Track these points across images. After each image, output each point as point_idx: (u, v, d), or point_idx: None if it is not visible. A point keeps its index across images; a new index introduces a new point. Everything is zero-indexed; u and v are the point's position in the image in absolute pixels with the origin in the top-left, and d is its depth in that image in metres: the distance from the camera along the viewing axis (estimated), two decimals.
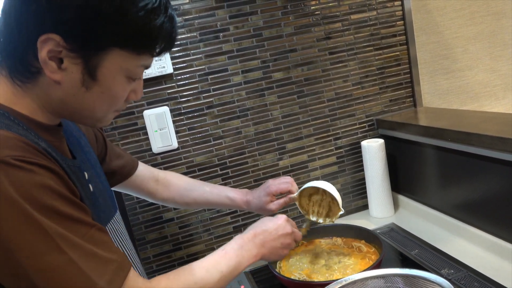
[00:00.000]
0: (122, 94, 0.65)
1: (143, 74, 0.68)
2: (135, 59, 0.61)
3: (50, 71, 0.57)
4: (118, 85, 0.63)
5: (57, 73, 0.58)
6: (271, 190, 1.04)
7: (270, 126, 1.35)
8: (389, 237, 1.24)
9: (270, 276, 1.13)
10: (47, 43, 0.55)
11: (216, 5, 1.25)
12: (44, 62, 0.56)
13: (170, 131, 1.25)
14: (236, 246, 0.80)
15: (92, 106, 0.62)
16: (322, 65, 1.37)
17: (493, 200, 1.05)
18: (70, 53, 0.57)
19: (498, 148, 0.96)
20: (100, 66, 0.59)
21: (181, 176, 1.11)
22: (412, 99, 1.49)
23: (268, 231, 0.86)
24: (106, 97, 0.62)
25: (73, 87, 0.59)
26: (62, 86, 0.59)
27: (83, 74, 0.59)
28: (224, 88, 1.29)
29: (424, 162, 1.29)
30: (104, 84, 0.61)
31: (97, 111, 0.64)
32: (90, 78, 0.59)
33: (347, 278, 0.79)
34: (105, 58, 0.59)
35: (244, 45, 1.29)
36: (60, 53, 0.56)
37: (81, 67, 0.58)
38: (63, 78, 0.58)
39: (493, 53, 1.61)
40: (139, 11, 0.57)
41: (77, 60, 0.57)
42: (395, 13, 1.42)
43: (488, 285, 0.93)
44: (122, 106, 0.68)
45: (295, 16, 1.33)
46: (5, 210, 0.49)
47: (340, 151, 1.44)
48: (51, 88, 0.59)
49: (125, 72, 0.62)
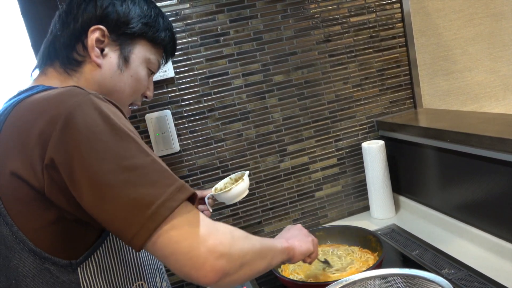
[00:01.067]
0: (144, 82, 0.83)
1: (155, 72, 0.88)
2: (154, 52, 0.83)
3: (95, 55, 0.74)
4: (142, 72, 0.82)
5: (99, 58, 0.75)
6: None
7: (271, 128, 1.37)
8: (390, 238, 1.24)
9: (272, 278, 1.13)
10: (95, 32, 0.74)
11: (216, 9, 1.26)
12: (92, 47, 0.74)
13: (172, 134, 1.26)
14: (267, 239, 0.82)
15: (123, 88, 0.79)
16: (322, 67, 1.38)
17: (493, 200, 1.05)
18: (111, 42, 0.76)
19: (498, 149, 0.97)
20: (131, 53, 0.79)
21: None
22: (412, 100, 1.50)
23: (289, 232, 0.95)
24: (134, 81, 0.80)
25: (111, 70, 0.76)
26: (102, 69, 0.75)
27: (119, 58, 0.77)
28: (225, 91, 1.31)
29: (424, 163, 1.29)
30: (133, 68, 0.79)
31: (126, 94, 0.80)
32: (124, 61, 0.78)
33: (348, 278, 0.79)
34: (136, 46, 0.79)
35: (244, 49, 1.30)
36: (103, 42, 0.75)
37: (118, 53, 0.77)
38: (104, 63, 0.75)
39: (493, 54, 1.61)
40: (164, 20, 0.84)
41: (115, 48, 0.76)
42: (394, 15, 1.43)
43: (489, 285, 0.93)
44: (138, 101, 0.86)
45: (295, 20, 1.34)
46: (106, 122, 0.59)
47: (340, 152, 1.45)
48: (93, 73, 0.75)
49: (147, 63, 0.82)
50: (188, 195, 0.60)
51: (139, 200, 0.56)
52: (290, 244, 0.85)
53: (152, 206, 0.56)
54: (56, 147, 0.56)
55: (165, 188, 0.58)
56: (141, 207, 0.56)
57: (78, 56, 0.74)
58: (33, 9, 1.17)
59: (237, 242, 0.63)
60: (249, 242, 0.67)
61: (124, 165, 0.57)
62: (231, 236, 0.63)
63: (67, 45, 0.74)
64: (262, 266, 0.70)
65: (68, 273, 0.63)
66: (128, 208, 0.56)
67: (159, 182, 0.58)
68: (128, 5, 0.77)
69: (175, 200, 0.58)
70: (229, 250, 0.60)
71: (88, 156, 0.56)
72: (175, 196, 0.58)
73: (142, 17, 0.79)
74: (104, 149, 0.57)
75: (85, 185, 0.56)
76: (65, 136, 0.56)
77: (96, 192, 0.56)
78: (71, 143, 0.56)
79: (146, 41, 0.80)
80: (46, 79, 0.74)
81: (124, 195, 0.56)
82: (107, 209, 0.56)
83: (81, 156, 0.56)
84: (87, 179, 0.56)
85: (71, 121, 0.57)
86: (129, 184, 0.56)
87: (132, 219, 0.56)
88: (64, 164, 0.56)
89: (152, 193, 0.57)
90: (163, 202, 0.57)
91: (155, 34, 0.81)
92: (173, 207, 0.57)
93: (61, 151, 0.56)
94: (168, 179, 0.59)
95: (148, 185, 0.57)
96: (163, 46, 0.85)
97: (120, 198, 0.56)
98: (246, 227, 1.38)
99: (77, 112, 0.58)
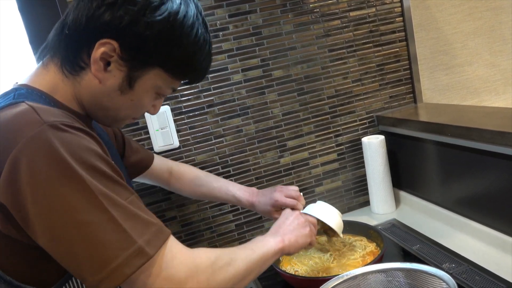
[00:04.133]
0: (147, 106, 0.73)
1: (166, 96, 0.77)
2: (170, 81, 0.70)
3: (96, 69, 0.64)
4: (147, 98, 0.71)
5: (101, 73, 0.64)
6: (277, 204, 1.04)
7: (271, 124, 1.36)
8: (391, 233, 1.24)
9: (273, 273, 1.13)
10: (105, 46, 0.62)
11: (215, 4, 1.26)
12: (95, 60, 0.63)
13: (171, 130, 1.26)
14: (260, 237, 0.82)
15: (119, 109, 0.70)
16: (322, 62, 1.38)
17: (494, 194, 1.05)
18: (119, 60, 0.64)
19: (498, 143, 0.97)
20: (140, 79, 0.66)
21: (193, 170, 1.17)
22: (412, 95, 1.49)
23: (286, 223, 0.90)
24: (133, 105, 0.70)
25: (110, 89, 0.66)
26: (101, 85, 0.66)
27: (123, 81, 0.66)
28: (224, 86, 1.30)
29: (424, 157, 1.29)
30: (137, 94, 0.68)
31: (121, 114, 0.71)
32: (128, 86, 0.66)
33: (348, 273, 0.79)
34: (147, 73, 0.66)
35: (243, 44, 1.30)
36: (111, 57, 0.63)
37: (124, 74, 0.65)
38: (105, 79, 0.65)
39: (493, 48, 1.61)
40: (191, 44, 0.66)
41: (123, 68, 0.65)
42: (394, 10, 1.42)
43: (489, 278, 0.93)
44: (140, 116, 0.78)
45: (294, 14, 1.33)
46: (53, 167, 0.52)
47: (340, 148, 1.45)
48: (91, 84, 0.66)
49: (157, 89, 0.70)
50: (147, 259, 0.55)
51: (90, 262, 0.53)
52: (285, 242, 0.83)
53: (104, 270, 0.53)
54: (5, 188, 0.52)
55: (120, 252, 0.53)
56: (93, 268, 0.53)
57: (82, 63, 0.65)
58: (30, 5, 1.17)
59: (217, 275, 0.63)
60: (232, 268, 0.66)
61: (75, 220, 0.52)
62: (211, 271, 0.62)
63: (72, 46, 0.65)
64: (246, 283, 0.70)
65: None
66: (80, 266, 0.54)
67: (113, 243, 0.53)
68: (162, 30, 0.62)
69: (130, 266, 0.54)
70: (208, 287, 0.60)
71: (37, 204, 0.52)
72: (130, 262, 0.54)
73: (173, 50, 0.65)
74: (54, 199, 0.52)
75: (38, 231, 0.53)
76: (13, 177, 0.52)
77: (48, 241, 0.53)
78: (20, 186, 0.52)
79: (163, 71, 0.67)
80: (43, 75, 0.68)
81: (75, 252, 0.53)
82: (61, 259, 0.55)
83: (30, 201, 0.52)
84: (38, 227, 0.53)
85: (19, 162, 0.52)
86: (81, 242, 0.53)
87: (85, 277, 0.54)
88: (14, 206, 0.53)
89: (104, 256, 0.53)
90: (116, 268, 0.53)
91: (180, 69, 0.69)
92: (127, 274, 0.53)
93: (10, 193, 0.52)
94: (125, 241, 0.54)
95: (100, 246, 0.53)
96: (187, 78, 0.73)
97: (71, 254, 0.53)
98: (246, 222, 1.38)
99: (25, 150, 0.52)
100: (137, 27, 0.61)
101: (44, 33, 0.73)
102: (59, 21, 0.68)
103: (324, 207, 1.02)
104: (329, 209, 1.02)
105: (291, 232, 0.87)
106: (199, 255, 0.63)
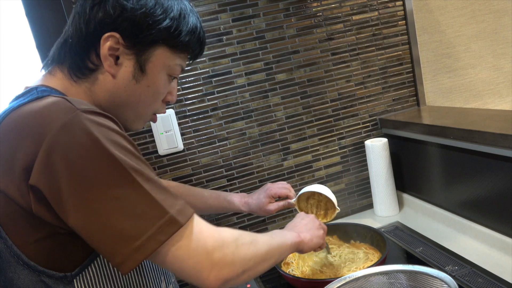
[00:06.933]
0: (163, 90, 0.75)
1: (178, 77, 0.81)
2: (175, 58, 0.74)
3: (108, 65, 0.68)
4: (161, 80, 0.74)
5: (113, 68, 0.68)
6: (271, 193, 1.09)
7: (274, 127, 1.37)
8: (394, 235, 1.25)
9: (276, 276, 1.14)
10: (109, 39, 0.66)
11: (219, 9, 1.27)
12: (105, 57, 0.67)
13: (175, 133, 1.27)
14: (277, 230, 0.85)
15: (138, 99, 0.72)
16: (325, 66, 1.39)
17: (497, 196, 1.05)
18: (126, 50, 0.68)
19: (501, 145, 0.97)
20: (148, 61, 0.70)
21: (180, 184, 1.16)
22: (415, 98, 1.50)
23: (302, 223, 0.94)
24: (150, 91, 0.73)
25: (125, 80, 0.70)
26: (116, 79, 0.69)
27: (134, 68, 0.70)
28: (228, 90, 1.31)
29: (428, 160, 1.29)
30: (151, 77, 0.72)
31: (141, 105, 0.74)
32: (140, 71, 0.70)
33: (351, 275, 0.80)
34: (153, 54, 0.70)
35: (247, 48, 1.31)
36: (118, 50, 0.67)
37: (134, 61, 0.69)
38: (118, 72, 0.69)
39: (496, 51, 1.61)
40: (177, 10, 0.71)
41: (130, 56, 0.69)
42: (396, 13, 1.43)
43: (492, 281, 0.93)
44: (161, 108, 0.78)
45: (297, 18, 1.34)
46: (89, 148, 0.56)
47: (344, 150, 1.45)
48: (105, 82, 0.69)
49: (167, 70, 0.73)
50: (179, 227, 0.59)
51: (125, 232, 0.56)
52: (302, 238, 0.87)
53: (139, 239, 0.56)
54: (40, 172, 0.55)
55: (154, 221, 0.57)
56: (128, 239, 0.56)
57: (91, 65, 0.68)
58: (37, 11, 1.18)
59: (241, 250, 0.65)
60: (254, 247, 0.69)
61: (111, 194, 0.56)
62: (235, 246, 0.65)
63: (79, 53, 0.68)
64: (265, 267, 0.72)
65: (64, 284, 0.62)
66: (113, 238, 0.56)
67: (147, 214, 0.57)
68: (146, 7, 0.68)
69: (164, 233, 0.57)
70: (232, 260, 0.63)
71: (73, 182, 0.55)
72: (164, 230, 0.57)
73: (162, 21, 0.69)
74: (90, 176, 0.55)
75: (71, 210, 0.55)
76: (48, 160, 0.55)
77: (82, 218, 0.56)
78: (56, 168, 0.55)
79: (166, 47, 0.71)
80: (52, 80, 0.70)
81: (110, 225, 0.56)
82: (93, 235, 0.56)
83: (66, 181, 0.55)
84: (72, 205, 0.55)
85: (55, 145, 0.55)
86: (116, 214, 0.56)
87: (118, 250, 0.56)
88: (48, 188, 0.55)
89: (139, 226, 0.56)
90: (150, 236, 0.56)
91: (176, 40, 0.71)
92: (161, 241, 0.57)
93: (45, 175, 0.55)
94: (158, 211, 0.58)
95: (135, 217, 0.56)
96: (188, 50, 0.76)
97: (106, 227, 0.56)
98: (250, 225, 1.39)
99: (61, 134, 0.55)
100: (128, 12, 0.67)
101: (51, 39, 0.75)
102: (59, 38, 0.72)
103: (316, 186, 1.08)
104: (321, 187, 1.08)
105: (307, 231, 0.91)
106: (224, 230, 0.66)
